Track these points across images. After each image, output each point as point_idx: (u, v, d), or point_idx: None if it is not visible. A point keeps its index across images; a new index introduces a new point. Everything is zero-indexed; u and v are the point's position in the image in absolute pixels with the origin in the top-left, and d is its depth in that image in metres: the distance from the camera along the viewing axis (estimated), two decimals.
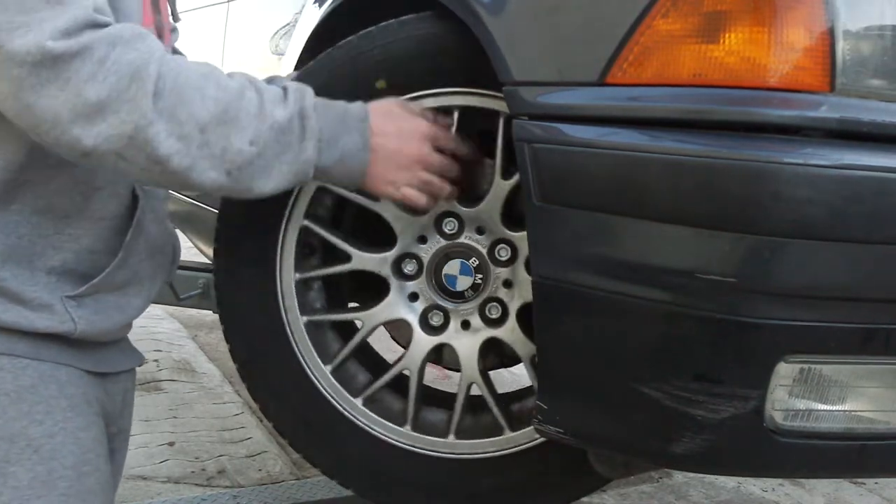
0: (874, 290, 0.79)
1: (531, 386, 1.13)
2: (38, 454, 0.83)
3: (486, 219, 1.08)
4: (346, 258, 1.15)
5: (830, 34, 0.77)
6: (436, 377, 2.10)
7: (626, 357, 0.87)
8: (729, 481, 2.05)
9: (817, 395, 0.84)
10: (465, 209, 1.08)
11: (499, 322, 1.11)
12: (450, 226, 1.11)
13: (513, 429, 1.12)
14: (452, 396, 1.17)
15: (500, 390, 1.17)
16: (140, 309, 0.98)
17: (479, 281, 1.11)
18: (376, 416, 1.17)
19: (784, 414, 0.84)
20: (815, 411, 0.85)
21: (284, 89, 0.90)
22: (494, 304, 1.11)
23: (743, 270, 0.77)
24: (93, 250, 0.90)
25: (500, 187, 1.05)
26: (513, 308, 1.10)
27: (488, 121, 1.04)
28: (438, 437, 1.16)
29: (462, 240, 1.11)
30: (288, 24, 1.59)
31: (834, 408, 0.85)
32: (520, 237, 1.06)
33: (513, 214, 1.07)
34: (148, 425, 2.09)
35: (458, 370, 1.16)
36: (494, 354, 1.22)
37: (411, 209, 1.06)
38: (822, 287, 0.78)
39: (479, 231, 1.10)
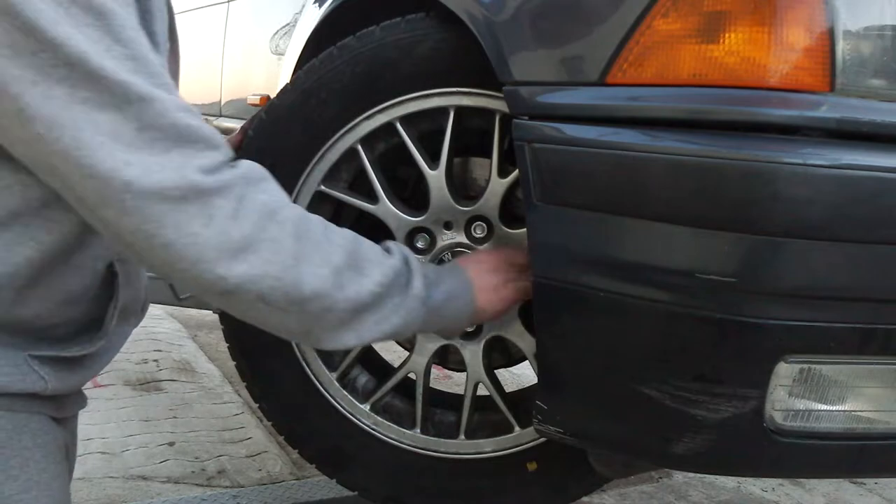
0: (874, 290, 0.79)
1: None
2: None
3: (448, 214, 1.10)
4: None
5: (830, 34, 0.77)
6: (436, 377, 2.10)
7: (626, 357, 0.87)
8: (729, 481, 2.05)
9: (817, 395, 0.84)
10: (411, 217, 1.10)
11: None
12: (421, 241, 1.12)
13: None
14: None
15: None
16: (107, 363, 0.97)
17: None
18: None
19: (784, 414, 0.84)
20: (815, 411, 0.85)
21: (381, 243, 0.93)
22: None
23: (743, 270, 0.77)
24: (68, 321, 0.88)
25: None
26: None
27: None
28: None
29: (441, 243, 1.12)
30: (288, 24, 1.59)
31: (834, 408, 0.85)
32: (481, 206, 1.09)
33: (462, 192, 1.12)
34: (148, 425, 2.09)
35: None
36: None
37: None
38: (822, 287, 0.78)
39: (448, 226, 1.11)
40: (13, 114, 0.69)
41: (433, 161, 1.07)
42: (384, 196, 1.10)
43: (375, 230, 1.13)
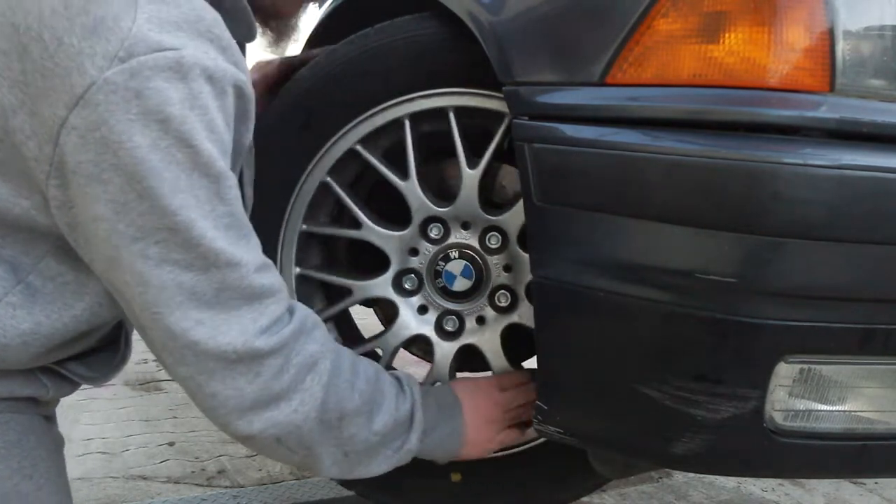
0: (874, 290, 0.79)
1: None
2: None
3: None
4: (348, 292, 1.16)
5: (830, 34, 0.77)
6: None
7: (626, 357, 0.87)
8: (729, 481, 2.05)
9: (817, 395, 0.84)
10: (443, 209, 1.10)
11: (511, 308, 1.12)
12: (435, 230, 1.12)
13: None
14: None
15: None
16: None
17: (480, 275, 1.12)
18: None
19: (784, 414, 0.84)
20: (815, 411, 0.85)
21: (398, 379, 0.96)
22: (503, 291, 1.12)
23: (743, 270, 0.77)
24: (75, 356, 0.91)
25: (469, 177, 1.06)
26: (521, 291, 1.11)
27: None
28: None
29: (452, 240, 1.12)
30: None
31: (834, 408, 0.85)
32: (504, 220, 1.08)
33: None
34: (148, 425, 2.09)
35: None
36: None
37: None
38: (822, 287, 0.78)
39: (465, 226, 1.11)
40: (105, 257, 0.73)
41: (474, 159, 1.07)
42: (415, 175, 1.09)
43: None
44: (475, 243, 1.11)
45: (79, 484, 1.73)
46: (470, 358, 1.17)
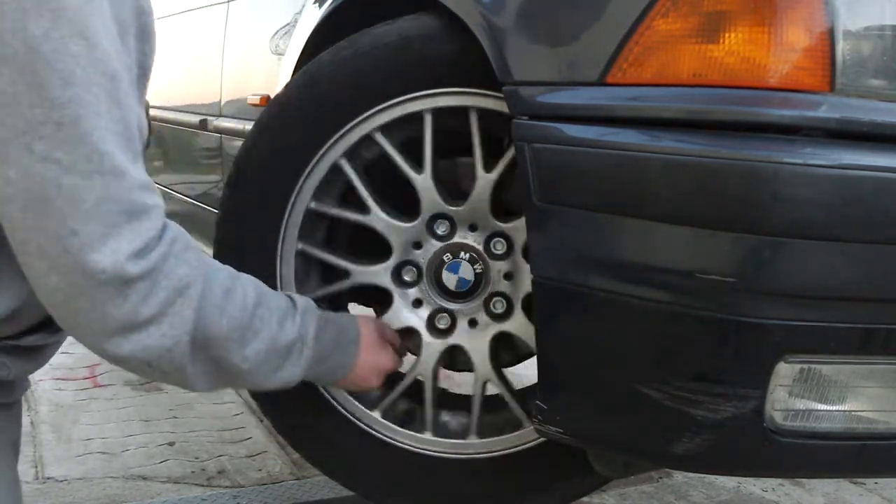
0: (874, 290, 0.79)
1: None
2: None
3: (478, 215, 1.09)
4: (345, 274, 1.16)
5: (830, 34, 0.77)
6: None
7: (627, 357, 0.87)
8: (729, 481, 2.04)
9: (817, 395, 0.84)
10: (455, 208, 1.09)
11: (505, 316, 1.11)
12: (442, 227, 1.11)
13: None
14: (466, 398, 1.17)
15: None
16: (58, 349, 1.00)
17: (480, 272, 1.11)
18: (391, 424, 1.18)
19: (784, 414, 0.84)
20: (815, 411, 0.85)
21: (294, 304, 0.96)
22: (499, 298, 1.11)
23: (743, 270, 0.77)
24: (33, 319, 0.91)
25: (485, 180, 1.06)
26: (517, 302, 1.10)
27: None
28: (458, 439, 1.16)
29: (456, 239, 1.11)
30: (288, 24, 1.59)
31: (834, 408, 0.85)
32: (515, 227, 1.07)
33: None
34: (148, 425, 2.08)
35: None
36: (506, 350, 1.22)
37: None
38: (822, 287, 0.78)
39: (472, 228, 1.10)
40: None
41: (492, 161, 1.06)
42: (430, 170, 1.09)
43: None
44: (480, 246, 1.10)
45: (79, 484, 1.73)
46: (454, 357, 1.17)
